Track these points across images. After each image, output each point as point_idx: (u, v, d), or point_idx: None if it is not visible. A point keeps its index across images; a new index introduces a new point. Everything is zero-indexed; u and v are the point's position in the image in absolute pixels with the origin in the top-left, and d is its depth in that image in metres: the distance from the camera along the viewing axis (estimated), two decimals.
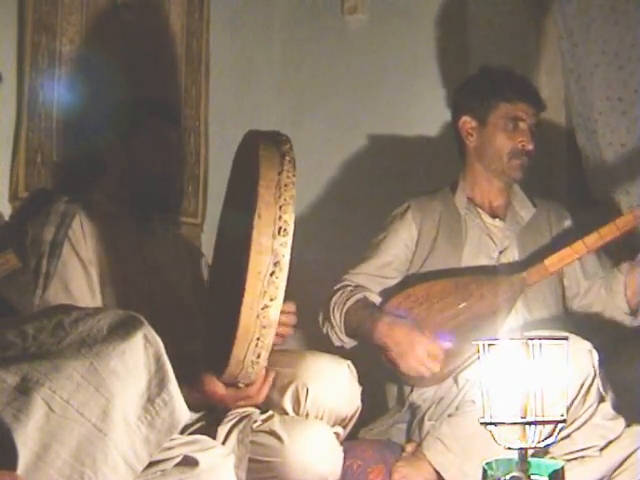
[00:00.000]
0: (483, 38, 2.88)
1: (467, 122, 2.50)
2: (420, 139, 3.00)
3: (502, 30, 2.87)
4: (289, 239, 1.61)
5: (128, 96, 2.48)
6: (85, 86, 2.44)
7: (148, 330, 1.35)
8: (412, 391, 2.37)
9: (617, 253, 2.48)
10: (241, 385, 1.81)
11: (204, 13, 2.90)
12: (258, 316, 1.61)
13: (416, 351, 2.25)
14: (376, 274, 2.47)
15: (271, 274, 1.60)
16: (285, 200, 1.62)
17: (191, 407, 1.44)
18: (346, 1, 3.14)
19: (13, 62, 2.29)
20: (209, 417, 1.95)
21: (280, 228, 1.61)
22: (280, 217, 1.61)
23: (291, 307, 1.93)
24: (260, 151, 1.68)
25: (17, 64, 2.29)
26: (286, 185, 1.63)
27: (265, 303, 1.60)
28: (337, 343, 2.43)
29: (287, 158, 1.67)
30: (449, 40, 2.99)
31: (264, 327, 1.62)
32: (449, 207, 2.51)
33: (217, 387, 1.83)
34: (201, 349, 1.95)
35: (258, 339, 1.63)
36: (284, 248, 1.60)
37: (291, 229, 1.61)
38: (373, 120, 3.09)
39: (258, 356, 1.66)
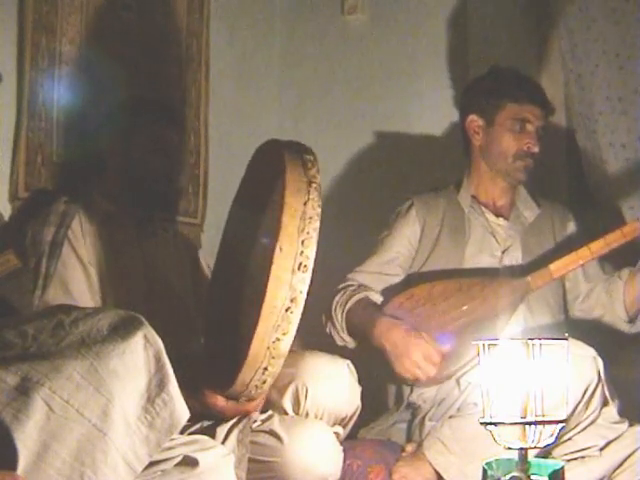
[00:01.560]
0: (483, 38, 2.88)
1: (474, 121, 2.50)
2: (420, 139, 3.00)
3: (502, 30, 2.87)
4: (308, 275, 1.57)
5: (128, 96, 2.48)
6: (85, 86, 2.44)
7: (148, 330, 1.35)
8: (412, 391, 2.37)
9: (618, 259, 2.47)
10: (242, 400, 1.80)
11: (204, 13, 2.90)
12: (269, 347, 1.59)
13: (412, 354, 2.23)
14: (380, 272, 2.47)
15: (286, 309, 1.57)
16: (308, 234, 1.58)
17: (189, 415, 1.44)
18: (346, 1, 3.14)
19: (13, 62, 2.29)
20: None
21: (300, 264, 1.56)
22: (302, 252, 1.57)
23: None
24: (287, 174, 1.62)
25: (17, 64, 2.29)
26: (311, 217, 1.59)
27: (277, 336, 1.58)
28: (340, 343, 2.42)
29: (314, 185, 1.62)
30: (449, 40, 2.99)
31: (273, 358, 1.60)
32: (453, 204, 2.50)
33: (217, 400, 1.82)
34: (202, 357, 1.94)
35: (266, 368, 1.61)
36: (302, 284, 1.57)
37: (311, 265, 1.57)
38: (373, 120, 3.09)
39: (263, 382, 1.65)
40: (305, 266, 1.57)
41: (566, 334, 1.61)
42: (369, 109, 3.09)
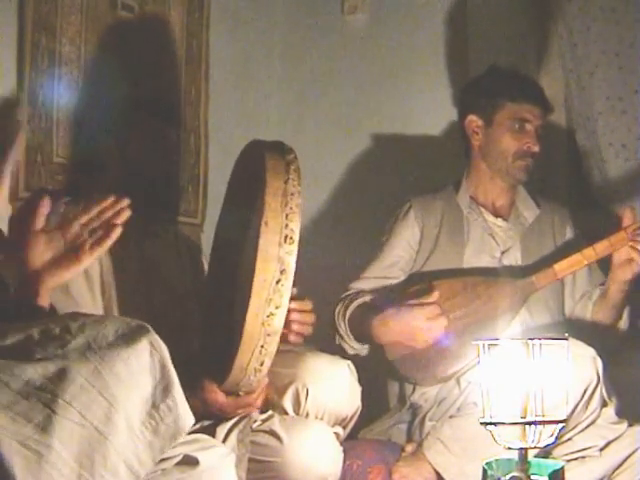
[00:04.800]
0: (483, 37, 2.88)
1: (473, 121, 2.50)
2: (420, 139, 3.00)
3: (502, 30, 2.87)
4: (295, 247, 1.62)
5: (127, 96, 2.48)
6: (85, 86, 2.44)
7: (154, 337, 1.35)
8: (414, 391, 2.37)
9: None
10: (241, 393, 1.81)
11: (204, 13, 2.90)
12: (263, 324, 1.61)
13: (418, 324, 2.25)
14: (382, 276, 2.47)
15: (277, 282, 1.60)
16: (291, 209, 1.63)
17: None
18: (346, 1, 3.14)
19: (13, 62, 2.29)
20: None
21: (286, 236, 1.61)
22: (287, 225, 1.62)
23: (308, 305, 1.93)
24: (266, 160, 1.69)
25: (17, 64, 2.29)
26: (292, 194, 1.65)
27: (270, 311, 1.61)
28: (351, 352, 2.41)
29: (292, 167, 1.68)
30: (449, 40, 3.00)
31: (268, 335, 1.62)
32: (452, 206, 2.50)
33: (217, 395, 1.82)
34: (200, 355, 1.94)
35: (262, 347, 1.63)
36: (290, 256, 1.61)
37: (297, 237, 1.63)
38: (373, 120, 3.09)
39: (261, 364, 1.66)
40: (291, 238, 1.62)
41: (566, 334, 1.62)
42: (369, 109, 3.10)
